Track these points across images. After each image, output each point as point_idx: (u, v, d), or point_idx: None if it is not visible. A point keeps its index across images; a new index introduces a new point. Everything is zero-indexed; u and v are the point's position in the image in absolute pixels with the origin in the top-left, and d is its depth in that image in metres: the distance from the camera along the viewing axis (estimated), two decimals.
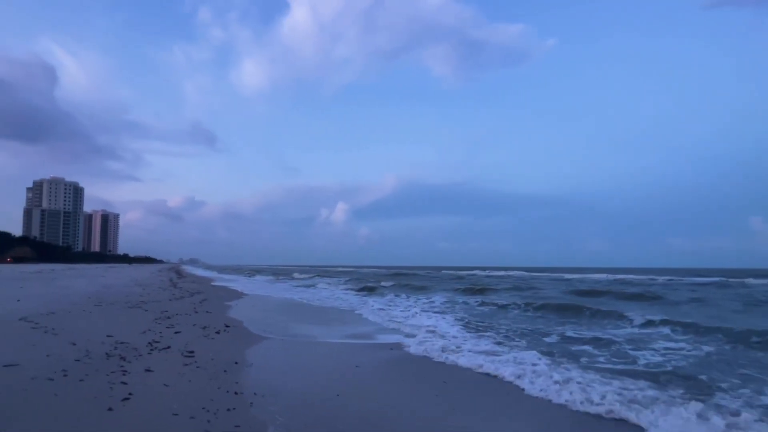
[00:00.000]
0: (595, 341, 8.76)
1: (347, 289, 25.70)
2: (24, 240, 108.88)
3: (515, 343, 8.45)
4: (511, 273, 55.36)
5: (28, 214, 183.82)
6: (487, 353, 7.23)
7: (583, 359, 7.08)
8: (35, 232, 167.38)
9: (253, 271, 72.41)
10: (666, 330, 10.11)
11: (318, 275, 50.47)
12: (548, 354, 7.25)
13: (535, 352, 7.20)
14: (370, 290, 24.82)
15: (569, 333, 9.81)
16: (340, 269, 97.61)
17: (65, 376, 4.90)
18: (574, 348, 8.14)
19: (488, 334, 9.57)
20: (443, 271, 68.09)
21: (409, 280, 34.04)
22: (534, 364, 6.26)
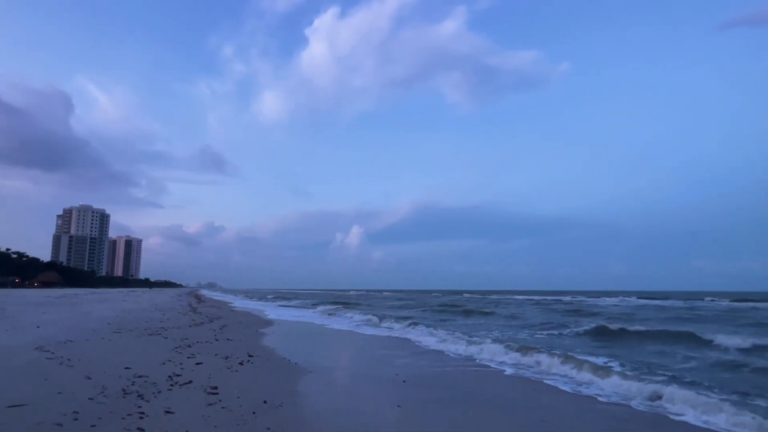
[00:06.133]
0: None
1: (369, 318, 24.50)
2: (51, 265, 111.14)
3: None
4: (518, 297, 53.11)
5: (56, 240, 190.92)
6: None
7: None
8: (63, 258, 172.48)
9: (270, 296, 71.93)
10: None
11: (327, 300, 49.29)
12: None
13: None
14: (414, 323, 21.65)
15: None
16: (353, 292, 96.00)
17: (75, 419, 4.29)
18: None
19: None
20: (465, 295, 66.15)
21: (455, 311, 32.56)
22: None
